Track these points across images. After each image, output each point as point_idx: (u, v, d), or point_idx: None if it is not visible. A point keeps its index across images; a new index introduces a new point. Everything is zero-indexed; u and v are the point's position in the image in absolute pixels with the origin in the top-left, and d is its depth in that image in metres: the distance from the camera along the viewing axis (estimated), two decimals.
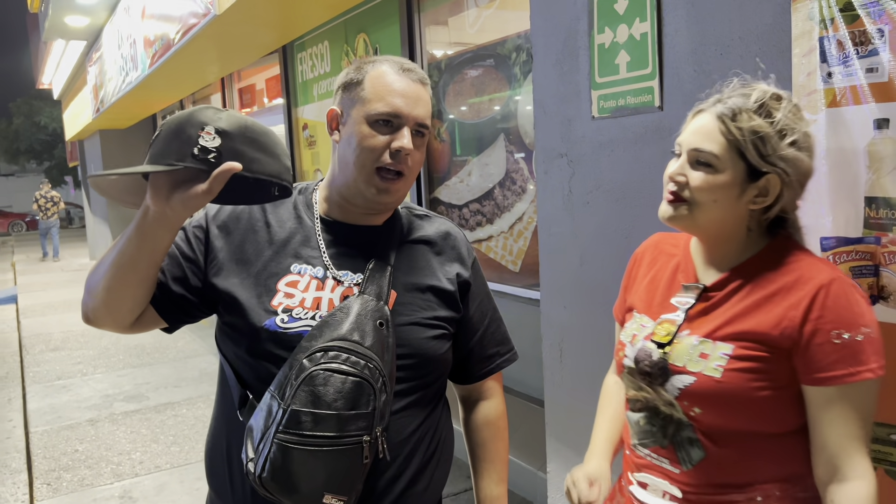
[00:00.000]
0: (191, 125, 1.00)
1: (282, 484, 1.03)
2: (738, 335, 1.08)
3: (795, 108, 1.11)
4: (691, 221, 1.12)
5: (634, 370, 1.19)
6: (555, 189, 2.23)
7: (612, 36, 1.94)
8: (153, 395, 5.15)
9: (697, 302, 1.15)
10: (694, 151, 1.10)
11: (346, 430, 1.03)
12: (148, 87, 7.96)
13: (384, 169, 1.15)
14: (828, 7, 1.40)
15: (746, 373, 1.06)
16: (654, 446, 1.18)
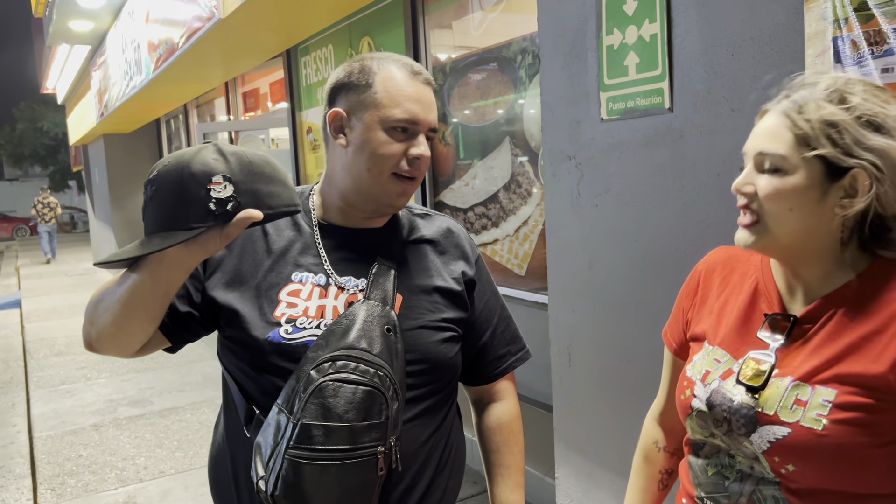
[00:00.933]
0: (194, 182, 0.95)
1: (295, 501, 0.99)
2: (842, 378, 0.91)
3: (878, 90, 0.93)
4: (772, 241, 0.95)
5: (707, 415, 1.02)
6: (563, 192, 2.21)
7: (622, 37, 1.93)
8: (157, 399, 5.14)
9: (789, 337, 0.97)
10: (759, 156, 0.95)
11: (359, 442, 1.00)
12: (152, 91, 7.97)
13: (399, 175, 1.13)
14: (841, 7, 1.38)
15: (851, 425, 0.88)
16: (729, 503, 1.02)
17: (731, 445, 1.00)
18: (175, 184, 0.95)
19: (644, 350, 1.97)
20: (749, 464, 0.98)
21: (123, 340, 1.08)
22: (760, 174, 0.95)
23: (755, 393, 0.95)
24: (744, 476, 0.99)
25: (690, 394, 1.04)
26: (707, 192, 1.75)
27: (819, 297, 0.96)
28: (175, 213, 0.95)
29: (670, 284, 1.87)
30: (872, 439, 0.88)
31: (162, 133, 12.28)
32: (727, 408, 0.98)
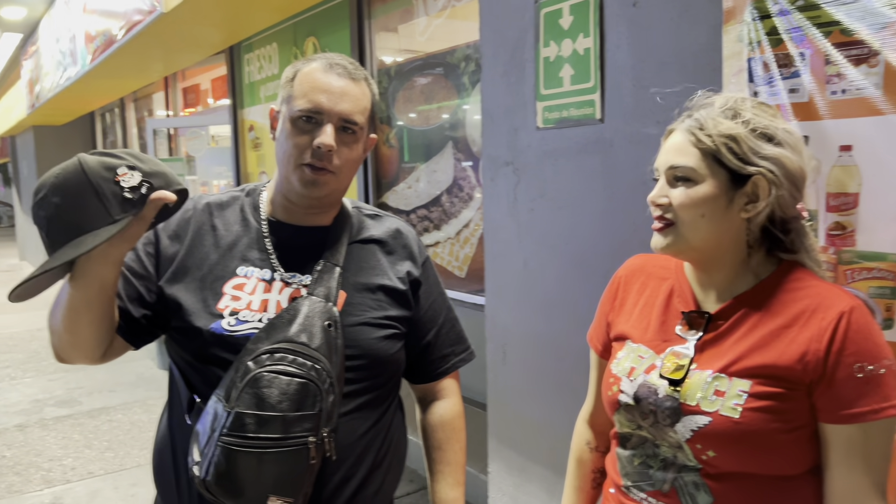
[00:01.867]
0: (102, 179, 1.00)
1: (226, 487, 1.02)
2: (756, 370, 0.99)
3: (766, 106, 1.06)
4: (686, 245, 1.04)
5: (634, 408, 1.08)
6: (501, 196, 2.30)
7: (557, 50, 2.02)
8: (86, 399, 5.00)
9: (705, 332, 1.06)
10: (670, 170, 1.04)
11: (291, 432, 1.03)
12: (88, 84, 7.74)
13: (308, 165, 1.15)
14: (755, 31, 1.50)
15: (765, 412, 0.97)
16: (653, 490, 1.07)
17: (657, 436, 1.07)
18: (82, 186, 0.99)
19: (574, 348, 2.07)
20: (673, 452, 1.05)
21: (82, 346, 1.11)
22: (673, 187, 1.04)
23: (677, 386, 1.03)
24: (667, 464, 1.06)
25: (617, 389, 1.11)
26: (634, 199, 1.85)
27: (731, 298, 1.06)
28: (91, 213, 0.99)
29: (599, 285, 1.96)
30: (783, 425, 0.97)
31: (97, 126, 11.91)
32: (653, 401, 1.05)
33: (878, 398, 0.94)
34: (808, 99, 1.41)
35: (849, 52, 1.34)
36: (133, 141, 10.06)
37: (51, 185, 1.01)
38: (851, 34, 1.33)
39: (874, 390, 0.94)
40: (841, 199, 1.37)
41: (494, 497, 2.43)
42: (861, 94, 1.32)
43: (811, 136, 1.41)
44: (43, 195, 1.02)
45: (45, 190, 1.01)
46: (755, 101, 1.07)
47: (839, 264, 1.37)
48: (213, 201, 1.25)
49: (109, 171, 1.00)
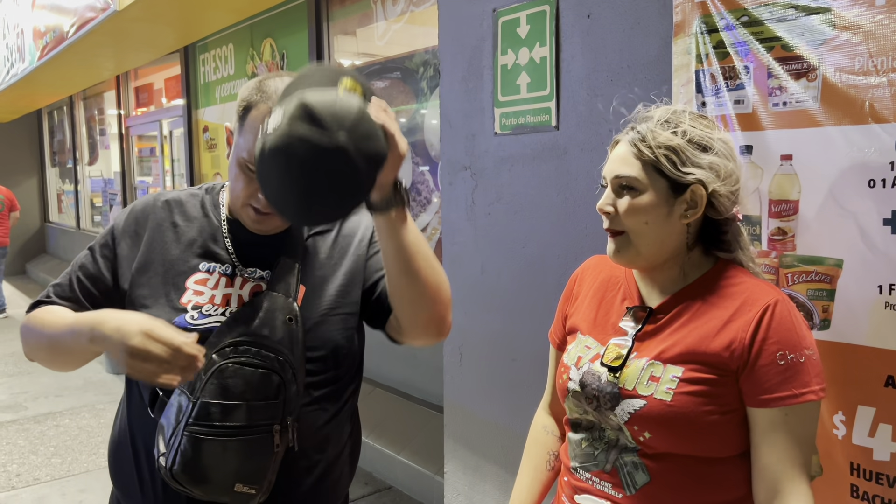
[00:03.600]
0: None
1: (192, 475, 1.04)
2: (688, 357, 1.07)
3: (701, 117, 1.14)
4: (636, 254, 1.12)
5: (580, 394, 1.16)
6: (458, 200, 2.33)
7: (515, 58, 2.07)
8: (32, 404, 4.86)
9: (645, 324, 1.14)
10: (616, 179, 1.12)
11: (255, 420, 1.07)
12: (35, 81, 7.54)
13: (255, 208, 1.17)
14: (703, 44, 1.56)
15: (696, 396, 1.05)
16: (597, 470, 1.15)
17: (601, 419, 1.14)
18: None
19: (528, 349, 2.11)
20: (615, 435, 1.13)
21: (60, 369, 1.19)
22: (619, 196, 1.12)
23: (615, 373, 1.12)
24: (610, 446, 1.14)
25: (567, 377, 1.19)
26: (587, 204, 1.90)
27: (671, 293, 1.15)
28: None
29: (553, 288, 2.02)
30: (715, 408, 1.05)
31: (44, 124, 11.57)
32: (595, 386, 1.13)
33: (798, 384, 1.03)
34: (752, 110, 1.48)
35: (790, 66, 1.41)
36: (82, 140, 9.82)
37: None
38: (792, 49, 1.40)
39: (794, 377, 1.03)
40: (782, 206, 1.44)
41: (450, 496, 2.45)
42: (801, 107, 1.39)
43: (755, 145, 1.47)
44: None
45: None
46: (692, 112, 1.15)
47: (780, 267, 1.44)
48: (172, 199, 1.27)
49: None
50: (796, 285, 1.42)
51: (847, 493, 1.34)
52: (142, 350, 0.96)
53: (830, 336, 1.35)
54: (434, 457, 3.31)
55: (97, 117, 9.25)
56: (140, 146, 8.01)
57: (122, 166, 8.27)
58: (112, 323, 1.00)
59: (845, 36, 1.32)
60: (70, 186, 10.42)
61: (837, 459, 1.35)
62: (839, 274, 1.35)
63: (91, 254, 1.23)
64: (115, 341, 0.98)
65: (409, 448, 3.54)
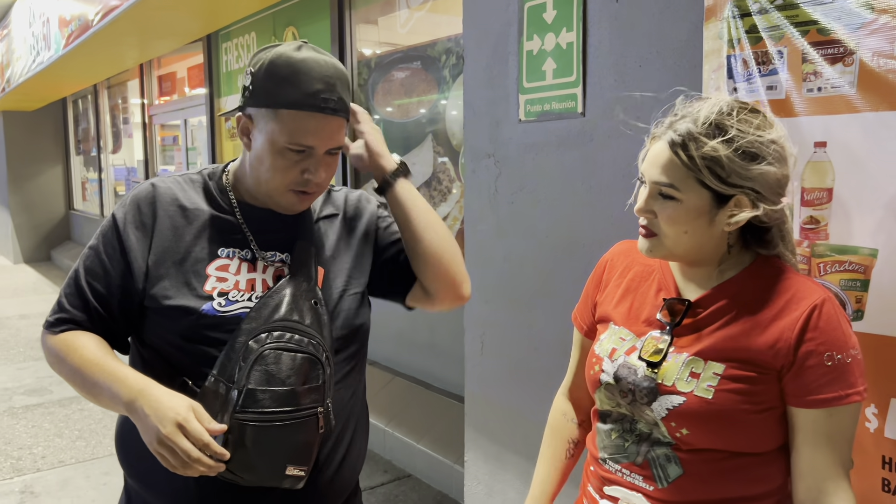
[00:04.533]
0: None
1: (244, 462, 1.05)
2: (729, 354, 1.05)
3: (751, 116, 1.04)
4: (668, 254, 1.10)
5: (614, 387, 1.13)
6: (481, 188, 2.31)
7: (541, 43, 2.04)
8: (57, 388, 4.93)
9: (684, 318, 1.10)
10: (654, 185, 1.07)
11: (301, 404, 1.08)
12: (61, 69, 7.62)
13: (296, 190, 1.17)
14: (735, 28, 1.53)
15: (737, 394, 1.03)
16: (627, 462, 1.13)
17: (635, 413, 1.12)
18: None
19: (551, 339, 2.09)
20: (649, 428, 1.10)
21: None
22: (657, 201, 1.07)
23: (654, 368, 1.09)
24: (641, 438, 1.12)
25: (599, 369, 1.16)
26: (613, 192, 1.88)
27: (710, 287, 1.11)
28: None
29: (578, 278, 1.99)
30: (752, 406, 1.03)
31: (69, 113, 11.70)
32: (632, 380, 1.11)
33: (844, 385, 1.00)
34: (784, 96, 1.44)
35: (825, 50, 1.37)
36: (106, 129, 9.91)
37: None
38: (828, 33, 1.36)
39: (840, 378, 1.00)
40: (815, 194, 1.41)
41: (470, 485, 2.45)
42: (836, 93, 1.36)
43: (788, 132, 1.44)
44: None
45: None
46: (741, 108, 1.05)
47: (812, 257, 1.41)
48: (175, 185, 1.23)
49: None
50: (829, 275, 1.39)
51: (878, 487, 1.32)
52: (170, 441, 1.00)
53: (864, 327, 1.32)
54: (454, 445, 3.31)
55: (121, 106, 9.33)
56: (163, 135, 8.07)
57: (144, 155, 8.34)
58: (152, 402, 1.04)
59: (884, 19, 1.28)
60: (94, 174, 10.53)
61: (869, 453, 1.33)
62: (873, 264, 1.32)
63: (96, 254, 1.18)
64: (149, 422, 1.03)
65: (428, 436, 3.54)
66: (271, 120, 1.12)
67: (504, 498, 2.31)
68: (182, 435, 1.01)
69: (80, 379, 1.13)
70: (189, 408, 1.03)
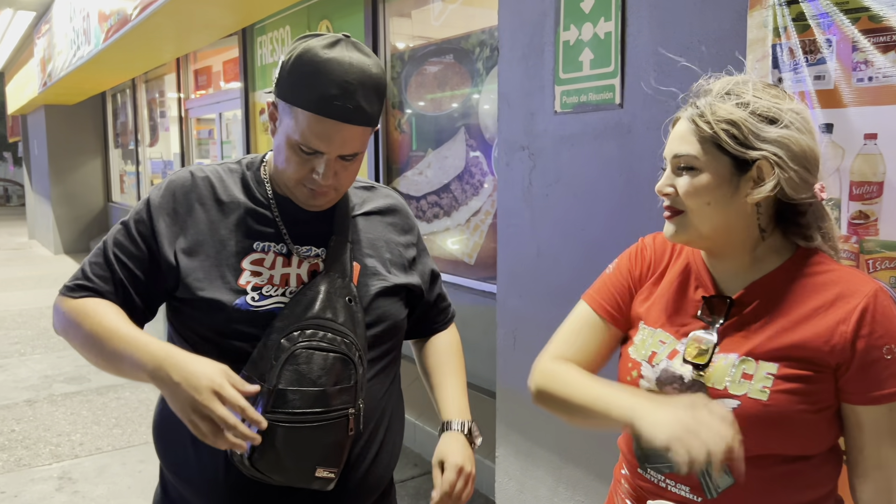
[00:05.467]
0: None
1: (274, 463, 1.04)
2: (782, 352, 0.99)
3: (769, 86, 1.03)
4: (694, 233, 1.04)
5: (657, 394, 1.06)
6: (515, 181, 2.29)
7: (578, 33, 2.00)
8: (95, 377, 5.03)
9: (728, 317, 1.05)
10: (675, 158, 1.04)
11: (332, 405, 1.06)
12: (100, 63, 7.74)
13: (309, 187, 1.14)
14: (781, 16, 1.48)
15: (793, 394, 0.97)
16: (671, 472, 1.06)
17: None
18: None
19: None
20: None
21: (93, 363, 1.18)
22: (678, 176, 1.03)
23: (701, 370, 1.02)
24: None
25: (637, 374, 1.09)
26: (651, 186, 1.82)
27: (750, 282, 1.05)
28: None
29: None
30: (809, 406, 0.98)
31: (107, 107, 11.91)
32: (678, 385, 1.04)
33: None
34: (833, 86, 1.39)
35: (877, 38, 1.32)
36: (143, 122, 10.08)
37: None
38: (880, 20, 1.31)
39: None
40: (864, 188, 1.36)
41: (501, 481, 2.43)
42: (888, 82, 1.31)
43: (836, 123, 1.39)
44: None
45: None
46: (757, 82, 1.04)
47: (861, 253, 1.36)
48: (212, 175, 1.21)
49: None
50: (878, 272, 1.34)
51: None
52: (207, 409, 0.97)
53: None
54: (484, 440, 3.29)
55: (158, 100, 9.47)
56: (198, 128, 8.17)
57: (181, 148, 8.46)
58: (181, 368, 1.00)
59: None
60: (132, 167, 10.71)
61: None
62: None
63: (126, 230, 1.17)
64: (180, 391, 0.99)
65: None
66: (288, 115, 1.10)
67: (535, 494, 2.28)
68: (218, 401, 0.97)
69: (98, 346, 1.10)
70: (222, 373, 1.00)
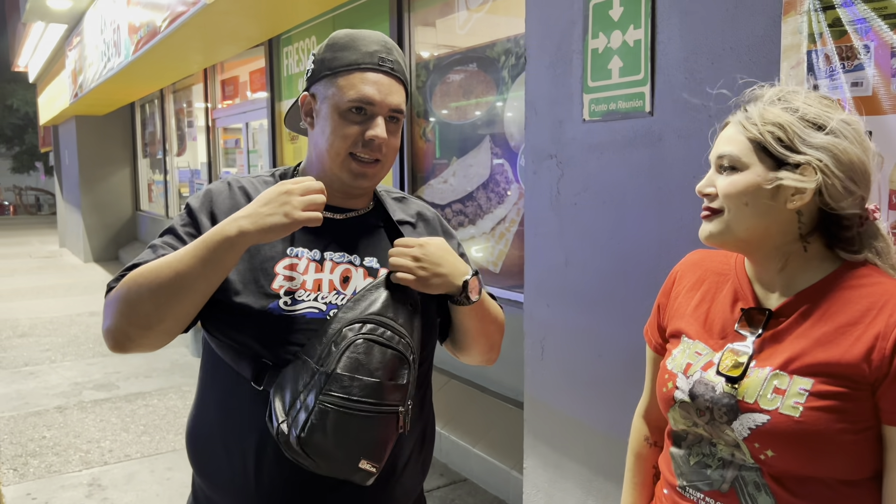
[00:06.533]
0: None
1: (321, 446, 1.04)
2: (817, 368, 0.96)
3: (821, 97, 1.03)
4: (729, 234, 1.02)
5: (690, 405, 1.06)
6: (543, 189, 2.27)
7: (607, 41, 1.99)
8: (123, 384, 5.09)
9: (765, 329, 1.03)
10: (718, 158, 1.04)
11: (385, 399, 1.07)
12: (130, 74, 7.88)
13: (356, 157, 1.18)
14: (817, 22, 1.45)
15: (828, 412, 0.93)
16: (710, 490, 1.04)
17: (713, 434, 1.04)
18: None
19: (615, 346, 2.03)
20: (730, 451, 1.02)
21: (171, 328, 1.10)
22: (719, 176, 1.03)
23: (735, 383, 1.00)
24: (725, 463, 1.03)
25: (672, 386, 1.09)
26: (683, 195, 1.81)
27: (791, 294, 1.02)
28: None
29: (644, 284, 1.94)
30: (848, 426, 0.93)
31: (136, 117, 12.11)
32: (709, 398, 1.03)
33: None
34: (871, 93, 1.36)
35: None
36: (171, 132, 10.22)
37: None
38: None
39: None
40: None
41: (529, 493, 2.41)
42: None
43: (874, 130, 1.36)
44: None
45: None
46: (810, 92, 1.04)
47: None
48: (247, 184, 1.26)
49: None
50: None
51: None
52: (285, 189, 1.08)
53: None
54: (511, 451, 3.27)
55: (185, 110, 9.60)
56: (225, 138, 8.27)
57: (208, 157, 8.56)
58: (247, 208, 1.10)
59: None
60: (160, 177, 10.87)
61: None
62: None
63: (173, 232, 1.20)
64: (256, 208, 1.08)
65: (484, 441, 3.51)
66: (332, 85, 1.18)
67: None
68: (293, 197, 1.07)
69: (166, 284, 1.06)
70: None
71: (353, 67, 1.17)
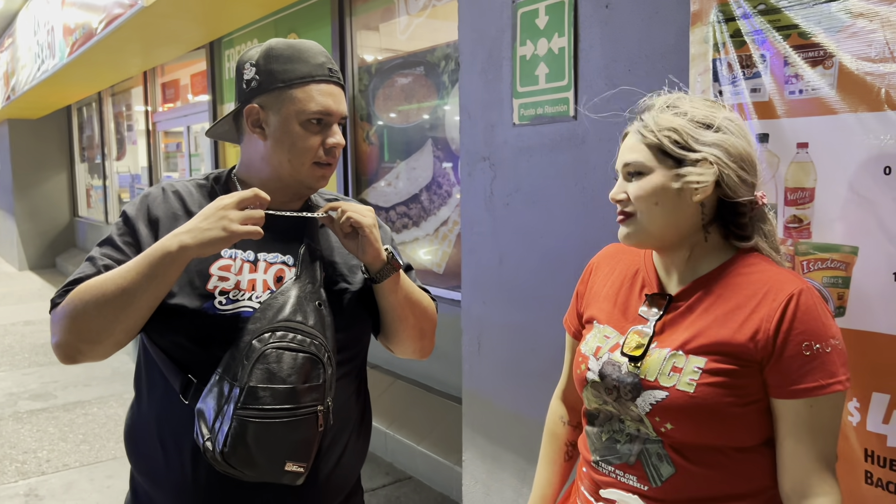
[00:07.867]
0: (238, 71, 1.28)
1: (244, 457, 1.08)
2: (710, 348, 1.06)
3: (704, 100, 1.15)
4: (644, 233, 1.12)
5: (600, 384, 1.15)
6: (477, 191, 2.35)
7: (534, 48, 2.08)
8: (61, 393, 4.98)
9: (665, 312, 1.13)
10: (625, 167, 1.13)
11: (301, 402, 1.10)
12: (65, 77, 7.69)
13: (318, 162, 1.24)
14: (720, 32, 1.57)
15: (719, 387, 1.04)
16: (620, 463, 1.14)
17: (621, 410, 1.13)
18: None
19: (547, 340, 2.13)
20: (636, 426, 1.12)
21: (119, 339, 1.15)
22: (629, 182, 1.13)
23: (637, 362, 1.11)
24: (632, 438, 1.13)
25: (585, 367, 1.18)
26: (605, 194, 1.90)
27: (690, 281, 1.13)
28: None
29: (571, 278, 2.03)
30: (736, 399, 1.04)
31: (73, 120, 11.78)
32: (616, 377, 1.13)
33: (825, 374, 1.01)
34: (768, 98, 1.48)
35: (806, 54, 1.41)
36: (110, 136, 9.99)
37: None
38: (808, 37, 1.40)
39: (820, 367, 1.01)
40: (798, 194, 1.44)
41: (468, 485, 2.48)
42: (816, 95, 1.39)
43: (771, 133, 1.48)
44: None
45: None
46: (694, 96, 1.17)
47: (796, 255, 1.44)
48: (181, 189, 1.29)
49: (240, 64, 1.27)
50: (812, 273, 1.42)
51: (861, 479, 1.35)
52: (224, 203, 1.11)
53: (845, 323, 1.35)
54: (453, 447, 3.34)
55: (125, 113, 9.40)
56: (166, 141, 8.14)
57: (149, 162, 8.41)
58: (187, 225, 1.12)
59: (862, 23, 1.32)
60: (98, 181, 10.60)
61: (852, 446, 1.36)
62: (854, 261, 1.35)
63: (110, 242, 1.23)
64: (197, 223, 1.11)
65: (428, 439, 3.57)
66: (287, 98, 1.21)
67: (502, 497, 2.34)
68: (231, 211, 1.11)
69: (111, 300, 1.10)
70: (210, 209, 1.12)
71: (308, 80, 1.22)
